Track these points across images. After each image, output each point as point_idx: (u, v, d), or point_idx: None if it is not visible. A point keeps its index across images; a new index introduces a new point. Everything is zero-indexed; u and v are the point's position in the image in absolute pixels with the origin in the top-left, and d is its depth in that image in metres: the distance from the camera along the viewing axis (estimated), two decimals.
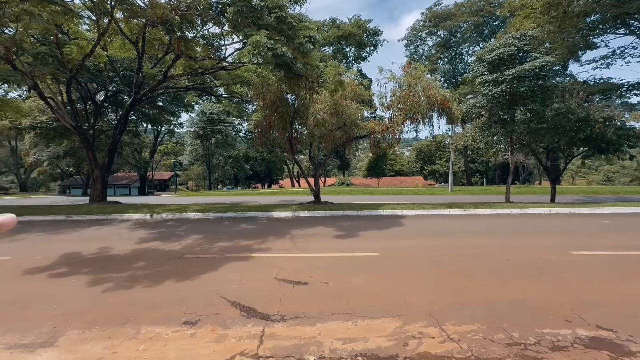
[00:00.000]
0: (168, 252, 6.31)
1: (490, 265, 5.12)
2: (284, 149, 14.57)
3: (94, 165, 14.89)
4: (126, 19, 11.34)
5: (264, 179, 55.75)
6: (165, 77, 13.97)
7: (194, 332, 3.20)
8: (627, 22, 15.08)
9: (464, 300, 3.82)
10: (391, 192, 23.83)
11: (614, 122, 12.46)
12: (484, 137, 13.32)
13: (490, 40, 35.34)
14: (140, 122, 33.65)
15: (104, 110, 24.12)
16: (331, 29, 40.35)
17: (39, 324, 3.39)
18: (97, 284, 4.55)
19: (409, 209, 11.14)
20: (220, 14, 10.16)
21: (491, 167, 50.86)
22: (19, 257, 6.08)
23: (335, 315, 3.49)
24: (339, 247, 6.43)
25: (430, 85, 11.43)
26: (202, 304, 3.79)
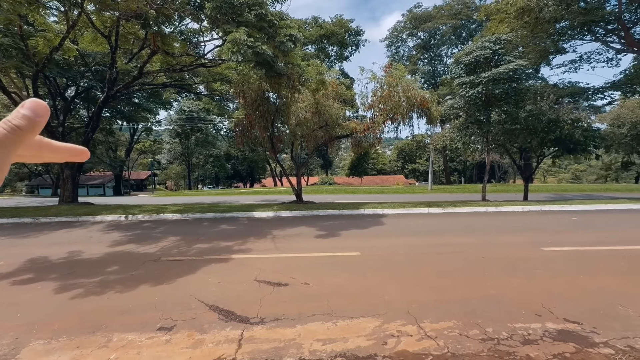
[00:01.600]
0: (143, 255, 6.08)
1: (467, 263, 5.27)
2: (265, 148, 14.40)
3: (63, 164, 14.15)
4: (98, 11, 10.84)
5: (246, 178, 55.00)
6: (141, 73, 13.45)
7: (169, 338, 3.10)
8: (592, 29, 15.96)
9: (441, 298, 3.90)
10: (373, 191, 24.11)
11: (581, 123, 13.15)
12: (462, 137, 13.71)
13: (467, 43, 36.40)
14: (114, 120, 32.25)
15: (74, 107, 22.98)
16: (313, 27, 40.22)
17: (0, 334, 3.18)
18: (65, 290, 4.32)
19: (390, 208, 11.30)
20: (198, 9, 9.89)
21: (469, 166, 52.50)
22: None
23: (315, 316, 3.48)
24: (320, 247, 6.43)
25: (410, 86, 11.62)
26: (179, 309, 3.68)
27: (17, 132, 0.37)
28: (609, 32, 16.32)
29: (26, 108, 0.38)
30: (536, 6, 12.90)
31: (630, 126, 23.92)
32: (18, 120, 0.37)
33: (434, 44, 42.46)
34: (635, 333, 2.99)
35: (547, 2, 12.57)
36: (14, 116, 0.38)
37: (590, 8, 13.81)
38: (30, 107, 0.38)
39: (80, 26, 12.36)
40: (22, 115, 0.37)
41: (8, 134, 0.37)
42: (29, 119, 0.38)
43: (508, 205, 11.63)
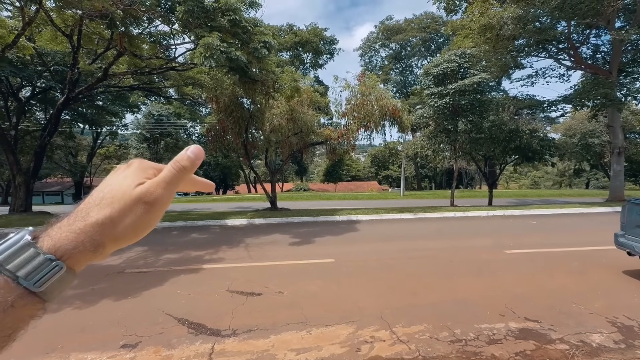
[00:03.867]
0: (106, 267, 5.72)
1: (437, 267, 5.46)
2: (239, 154, 14.16)
3: (15, 170, 13.04)
4: (59, 8, 10.22)
5: (219, 184, 53.59)
6: (106, 74, 12.78)
7: (133, 355, 2.93)
8: (546, 47, 17.35)
9: (413, 302, 4.00)
10: (347, 197, 24.39)
11: (538, 133, 14.18)
12: (431, 145, 14.29)
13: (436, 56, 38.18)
14: (75, 123, 30.30)
15: (29, 109, 21.36)
16: (288, 34, 40.37)
17: None
18: None
19: (364, 214, 11.48)
20: (169, 11, 9.61)
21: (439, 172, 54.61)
22: None
23: (289, 325, 3.44)
24: (294, 255, 6.38)
25: (382, 95, 11.98)
26: (145, 324, 3.49)
27: (183, 171, 0.44)
28: (560, 51, 17.81)
29: (191, 152, 0.45)
30: (497, 24, 13.85)
31: (580, 136, 26.13)
32: (185, 162, 0.44)
33: (405, 55, 44.16)
34: (587, 328, 3.24)
35: (507, 21, 13.54)
36: (181, 158, 0.44)
37: (543, 28, 15.02)
38: (194, 152, 0.45)
39: (38, 23, 11.59)
40: (188, 157, 0.44)
41: (178, 173, 0.44)
42: (193, 161, 0.45)
43: (474, 211, 12.21)
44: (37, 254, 0.38)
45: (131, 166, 0.46)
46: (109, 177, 0.45)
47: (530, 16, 13.72)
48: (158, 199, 0.43)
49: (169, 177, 0.44)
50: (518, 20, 13.32)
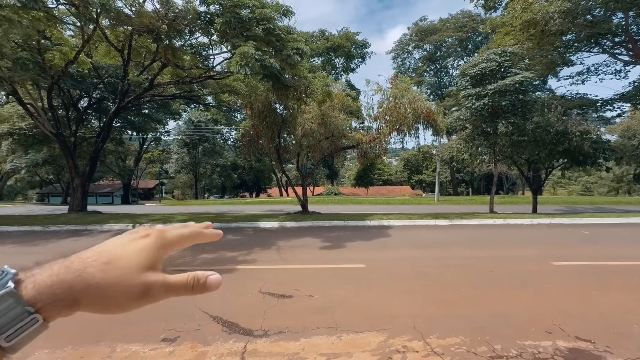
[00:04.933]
0: None
1: (475, 277, 5.17)
2: (272, 158, 14.53)
3: (74, 173, 14.44)
4: (112, 26, 11.23)
5: (252, 187, 55.27)
6: (152, 85, 13.80)
7: (172, 349, 3.08)
8: (599, 41, 15.94)
9: (448, 313, 3.82)
10: (379, 202, 23.99)
11: (589, 135, 13.00)
12: (469, 148, 13.65)
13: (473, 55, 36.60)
14: (125, 130, 33.01)
15: (86, 117, 23.57)
16: (320, 40, 40.95)
17: None
18: None
19: (396, 220, 11.21)
20: (208, 23, 10.18)
21: (476, 177, 52.05)
22: None
23: (319, 329, 3.43)
24: (325, 259, 6.38)
25: (416, 97, 11.68)
26: (183, 320, 3.67)
27: (189, 292, 0.44)
28: (616, 45, 16.27)
29: (210, 282, 0.45)
30: (542, 19, 12.98)
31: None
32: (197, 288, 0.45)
33: (440, 56, 42.81)
34: None
35: (553, 15, 12.64)
36: (197, 282, 0.44)
37: (596, 21, 13.83)
38: (212, 283, 0.45)
39: (94, 40, 12.81)
40: (203, 285, 0.45)
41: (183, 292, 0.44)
42: (203, 290, 0.45)
43: (517, 218, 11.45)
44: (16, 305, 0.35)
45: (149, 238, 0.43)
46: (122, 243, 0.42)
47: (581, 9, 12.70)
48: (156, 300, 0.41)
49: (175, 289, 0.42)
50: (566, 14, 12.40)
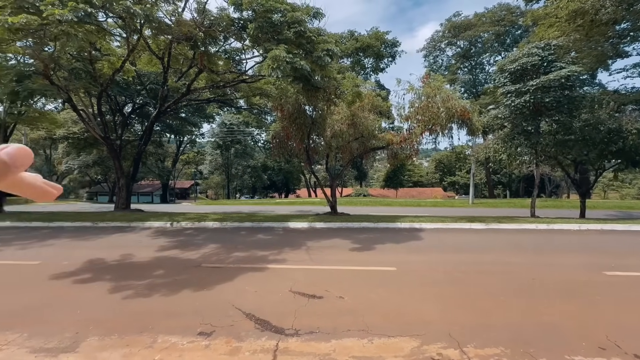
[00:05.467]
0: (186, 260, 6.42)
1: (516, 285, 4.88)
2: (301, 160, 14.70)
3: (120, 174, 15.55)
4: (154, 36, 11.97)
5: (281, 188, 56.22)
6: (189, 90, 14.53)
7: (208, 343, 3.21)
8: None
9: (487, 322, 3.63)
10: (409, 204, 23.38)
11: None
12: (507, 148, 12.90)
13: (512, 50, 34.61)
14: (163, 133, 35.03)
15: (130, 122, 25.28)
16: (349, 41, 40.78)
17: (63, 328, 3.51)
18: (118, 291, 4.68)
19: (428, 222, 10.87)
20: (241, 29, 10.52)
21: (515, 179, 49.07)
22: (47, 262, 6.36)
23: (350, 331, 3.41)
24: (355, 260, 6.33)
25: (449, 96, 11.26)
26: (218, 315, 3.81)
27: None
28: None
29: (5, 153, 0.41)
30: (591, 8, 11.97)
31: None
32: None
33: (475, 52, 40.94)
34: None
35: (604, 3, 11.61)
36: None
37: None
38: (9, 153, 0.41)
39: (138, 50, 13.72)
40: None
41: None
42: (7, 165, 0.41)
43: (562, 223, 10.64)
44: None
45: None
46: None
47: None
48: None
49: None
50: (620, 1, 11.33)
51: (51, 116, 19.49)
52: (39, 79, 13.09)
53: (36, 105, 17.82)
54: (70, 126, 27.14)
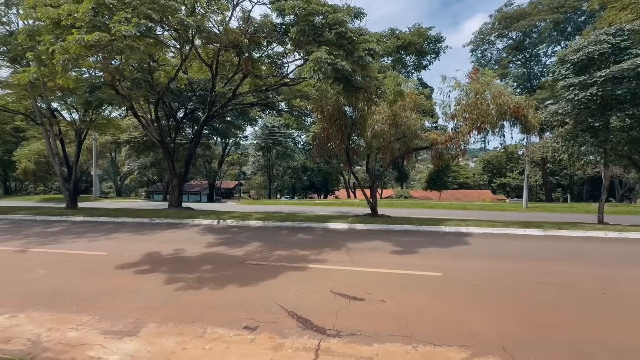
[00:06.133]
0: (231, 257, 6.74)
1: (580, 299, 4.39)
2: (340, 161, 14.71)
3: (173, 174, 16.81)
4: (204, 45, 12.77)
5: (320, 189, 56.65)
6: (234, 94, 15.27)
7: (253, 337, 3.33)
8: None
9: (545, 337, 3.32)
10: (454, 207, 22.19)
11: None
12: (569, 147, 11.65)
13: (574, 39, 31.31)
14: (211, 136, 37.23)
15: (182, 126, 27.23)
16: (390, 39, 39.96)
17: (126, 314, 3.87)
18: (171, 282, 5.05)
19: (476, 226, 10.22)
20: (284, 34, 10.81)
21: (577, 181, 44.25)
22: (112, 253, 7.08)
23: (393, 336, 3.32)
24: (397, 264, 6.16)
25: (501, 91, 10.49)
26: (262, 311, 3.94)
27: None
28: None
29: None
30: None
31: None
32: None
33: (530, 44, 37.68)
34: None
35: None
36: None
37: None
38: None
39: (189, 59, 14.74)
40: None
41: None
42: None
43: (638, 231, 9.36)
44: None
45: None
46: None
47: None
48: None
49: None
50: None
51: (116, 122, 21.76)
52: (107, 89, 14.65)
53: (104, 113, 19.96)
54: (131, 131, 30.05)
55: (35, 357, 2.97)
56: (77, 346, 3.17)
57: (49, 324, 3.63)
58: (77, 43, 6.87)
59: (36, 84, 14.02)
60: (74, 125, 18.26)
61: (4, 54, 15.14)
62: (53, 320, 3.74)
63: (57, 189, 42.07)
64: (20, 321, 3.72)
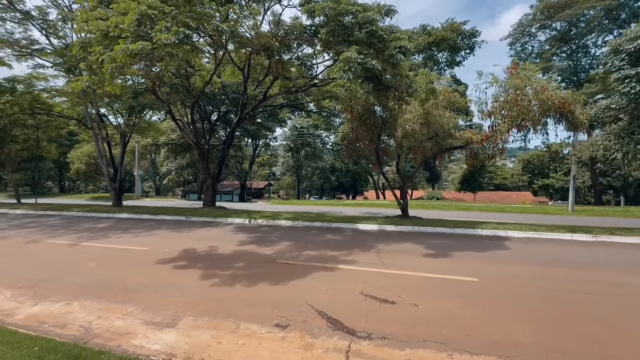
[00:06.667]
0: (262, 256, 6.89)
1: (637, 312, 3.98)
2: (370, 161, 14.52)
3: (207, 174, 17.54)
4: (236, 49, 13.19)
5: (349, 190, 56.32)
6: (265, 97, 15.62)
7: (284, 335, 3.37)
8: None
9: (596, 353, 3.04)
10: (490, 209, 21.06)
11: None
12: (623, 145, 10.61)
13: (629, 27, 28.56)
14: (242, 137, 38.41)
15: (216, 128, 28.35)
16: (421, 36, 38.88)
17: (165, 307, 4.09)
18: (206, 278, 5.26)
19: (515, 230, 9.63)
20: (313, 35, 10.88)
21: (632, 182, 40.29)
22: (153, 249, 7.52)
23: (426, 342, 3.21)
24: (429, 267, 5.96)
25: (544, 86, 9.77)
26: (292, 310, 3.98)
27: None
28: None
29: None
30: None
31: None
32: None
33: (576, 34, 34.86)
34: None
35: None
36: None
37: None
38: None
39: (223, 63, 15.31)
40: None
41: None
42: None
43: None
44: None
45: None
46: None
47: None
48: None
49: None
50: None
51: (156, 126, 23.14)
52: (148, 95, 15.61)
53: (145, 117, 21.30)
54: (169, 134, 31.82)
55: (87, 342, 3.22)
56: (123, 334, 3.40)
57: (98, 313, 3.92)
58: (123, 52, 7.39)
59: (87, 92, 15.28)
60: (119, 129, 19.65)
61: (61, 65, 16.66)
62: (102, 309, 4.04)
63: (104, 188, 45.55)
64: (74, 309, 4.06)
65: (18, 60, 17.45)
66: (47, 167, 40.61)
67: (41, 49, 17.09)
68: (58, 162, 39.84)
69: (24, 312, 3.97)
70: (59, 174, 47.29)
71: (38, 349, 2.94)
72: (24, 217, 14.05)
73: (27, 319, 3.76)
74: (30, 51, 17.09)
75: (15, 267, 6.02)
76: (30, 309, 4.05)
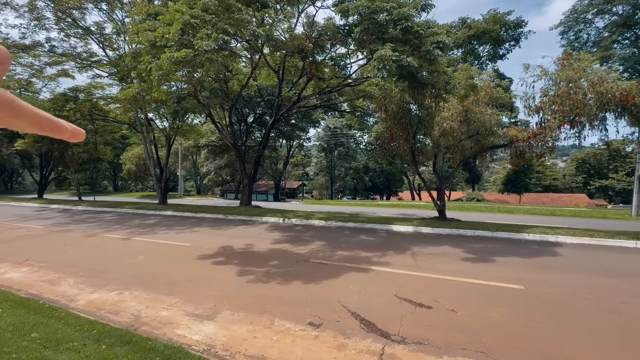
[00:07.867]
0: (296, 254, 6.99)
1: None
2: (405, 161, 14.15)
3: (244, 175, 18.21)
4: (272, 52, 13.56)
5: (383, 190, 55.32)
6: (299, 98, 15.88)
7: (317, 334, 3.39)
8: None
9: None
10: (538, 212, 19.50)
11: None
12: None
13: None
14: (277, 138, 39.35)
15: (252, 130, 29.33)
16: (461, 29, 37.16)
17: (205, 300, 4.31)
18: (243, 274, 5.46)
19: (568, 235, 8.83)
20: (347, 35, 10.85)
21: None
22: (194, 245, 7.95)
23: (465, 350, 3.06)
24: (468, 272, 5.67)
25: (602, 77, 8.86)
26: (325, 309, 3.99)
27: None
28: None
29: None
30: None
31: None
32: None
33: None
34: None
35: None
36: None
37: None
38: None
39: (258, 67, 15.81)
40: None
41: None
42: None
43: None
44: None
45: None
46: None
47: None
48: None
49: None
50: None
51: (197, 128, 24.45)
52: (190, 99, 16.55)
53: (188, 120, 22.63)
54: (209, 136, 33.49)
55: (137, 329, 3.49)
56: (168, 324, 3.63)
57: (146, 302, 4.23)
58: (169, 60, 7.93)
59: (137, 98, 16.55)
60: (164, 132, 21.07)
61: (115, 74, 18.24)
62: (149, 299, 4.35)
63: (152, 187, 49.09)
64: (126, 298, 4.41)
65: (80, 71, 19.43)
66: (104, 167, 44.87)
67: (98, 60, 18.87)
68: (112, 163, 43.67)
69: (84, 298, 4.40)
70: (113, 174, 51.85)
71: (96, 332, 3.24)
72: (84, 213, 15.57)
73: (87, 305, 4.16)
74: (89, 63, 18.94)
75: (77, 258, 6.69)
76: (89, 296, 4.47)
